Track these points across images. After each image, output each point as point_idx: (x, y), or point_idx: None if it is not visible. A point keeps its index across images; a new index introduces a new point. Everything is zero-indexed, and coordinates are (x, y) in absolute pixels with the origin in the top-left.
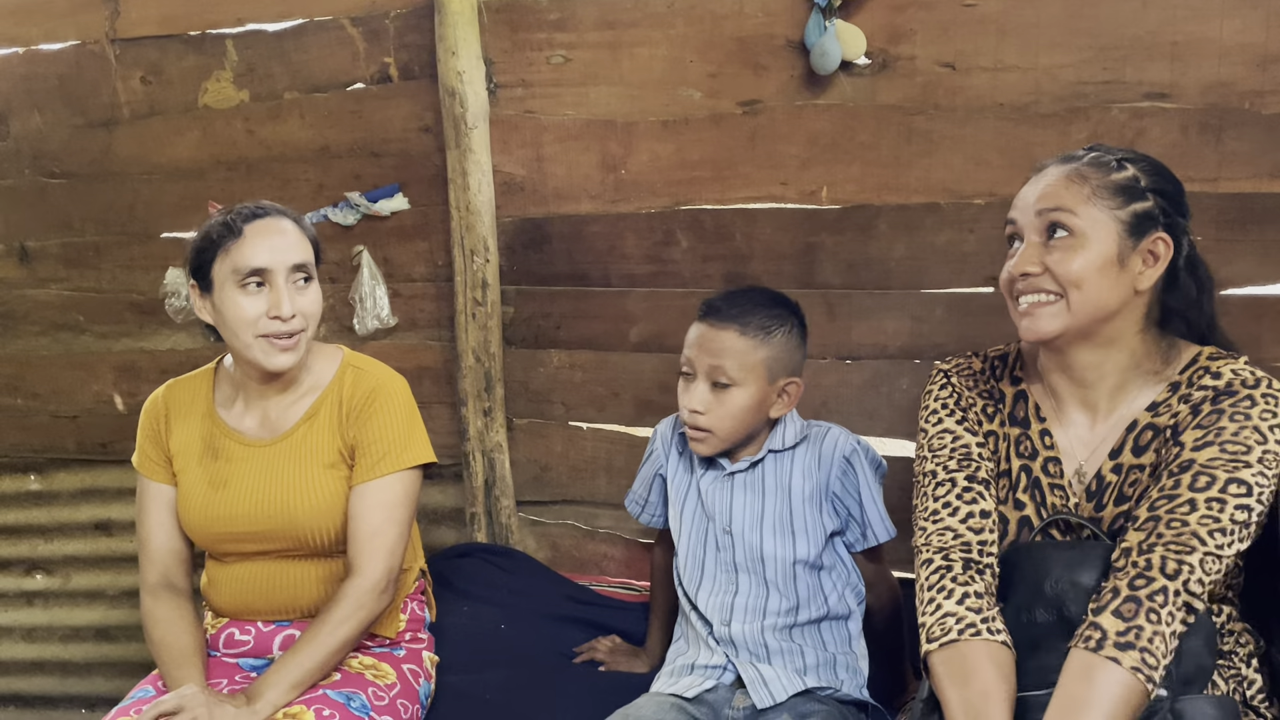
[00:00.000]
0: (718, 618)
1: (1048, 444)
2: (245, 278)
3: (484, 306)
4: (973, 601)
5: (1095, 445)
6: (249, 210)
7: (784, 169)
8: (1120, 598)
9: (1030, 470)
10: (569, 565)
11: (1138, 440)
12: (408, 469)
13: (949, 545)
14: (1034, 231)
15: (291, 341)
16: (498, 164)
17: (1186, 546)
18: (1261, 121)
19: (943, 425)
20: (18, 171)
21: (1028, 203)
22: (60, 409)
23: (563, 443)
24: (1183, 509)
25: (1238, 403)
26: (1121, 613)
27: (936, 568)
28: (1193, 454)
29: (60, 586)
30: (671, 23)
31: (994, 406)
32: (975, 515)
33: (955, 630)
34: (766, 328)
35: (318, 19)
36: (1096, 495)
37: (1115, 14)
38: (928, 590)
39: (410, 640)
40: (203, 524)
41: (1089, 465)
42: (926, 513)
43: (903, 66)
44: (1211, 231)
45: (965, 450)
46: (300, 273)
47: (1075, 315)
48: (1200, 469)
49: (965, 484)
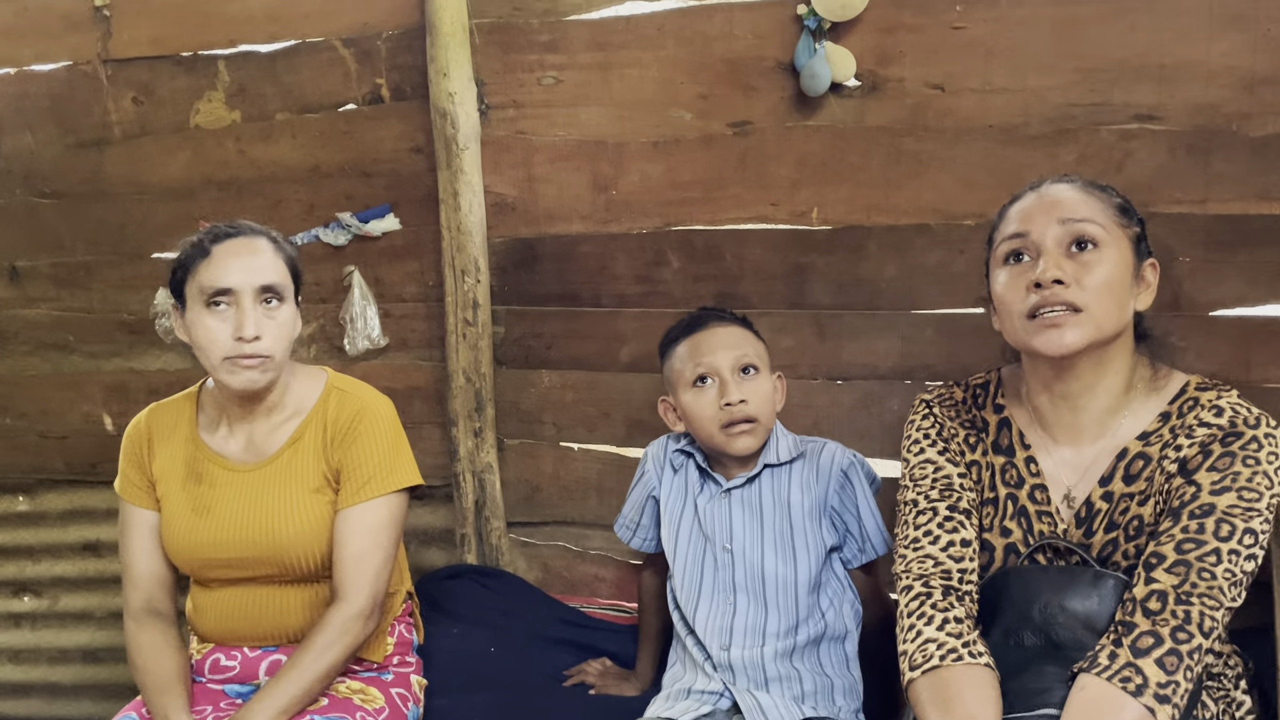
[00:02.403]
0: (716, 642)
1: (1034, 470)
2: (211, 298)
3: (475, 326)
4: (953, 627)
5: (1084, 470)
6: (221, 230)
7: (774, 190)
8: (1164, 648)
9: (1016, 498)
10: (559, 587)
11: (1129, 469)
12: (393, 492)
13: (929, 572)
14: (1055, 243)
15: (255, 362)
16: (489, 184)
17: (1216, 602)
18: (1249, 143)
19: (924, 455)
20: (8, 191)
21: (1043, 214)
22: (49, 429)
23: (553, 463)
24: (1210, 559)
25: (1246, 445)
26: (1165, 665)
27: (916, 594)
28: (1212, 498)
29: (48, 608)
30: (662, 44)
31: (977, 436)
32: (956, 544)
33: (937, 656)
34: (750, 324)
35: (310, 40)
36: (1086, 521)
37: (1103, 37)
38: (908, 617)
39: (398, 664)
40: (187, 550)
41: (1078, 491)
42: (907, 540)
43: (892, 88)
44: (1200, 253)
45: (947, 480)
46: (269, 294)
47: (1099, 329)
48: (1222, 516)
49: (946, 513)
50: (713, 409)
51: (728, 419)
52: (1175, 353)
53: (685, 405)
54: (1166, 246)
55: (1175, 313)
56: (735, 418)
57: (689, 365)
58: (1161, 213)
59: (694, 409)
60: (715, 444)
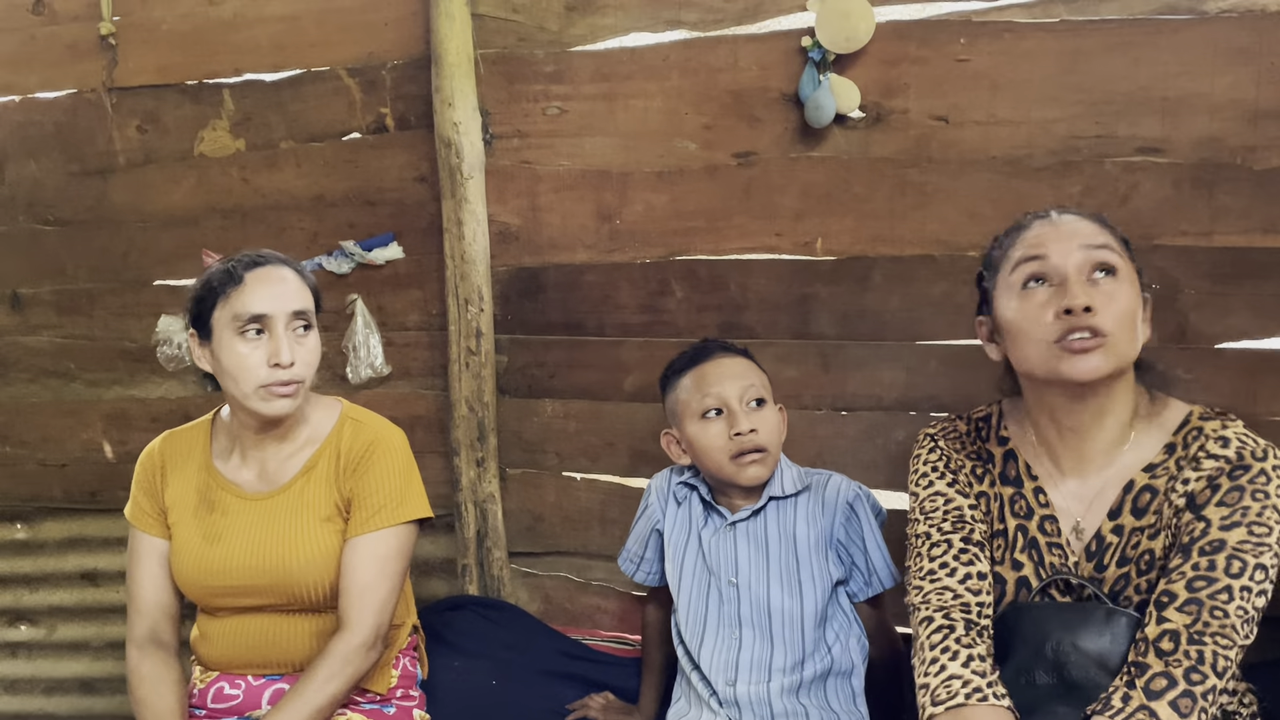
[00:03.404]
0: (721, 678)
1: (1042, 502)
2: (245, 324)
3: (478, 355)
4: (977, 665)
5: (1091, 501)
6: (250, 258)
7: (779, 220)
8: (1179, 690)
9: (1026, 530)
10: (561, 618)
11: (1136, 501)
12: (403, 523)
13: (949, 605)
14: (1077, 269)
15: (290, 389)
16: (493, 213)
17: (1229, 640)
18: (1253, 177)
19: (934, 488)
20: (11, 218)
21: (1063, 240)
22: (49, 457)
23: (556, 493)
24: (1221, 596)
25: (1255, 478)
26: (1179, 707)
27: (939, 626)
28: (1222, 534)
29: (45, 638)
30: (667, 75)
31: (983, 467)
32: (973, 577)
33: (962, 694)
34: (752, 356)
35: (315, 69)
36: (1097, 555)
37: (1107, 70)
38: (930, 650)
39: (401, 698)
40: (196, 578)
41: (1087, 523)
42: (923, 572)
43: (896, 120)
44: (1205, 285)
45: (959, 512)
46: (300, 320)
47: (1121, 357)
48: (1233, 552)
49: (961, 545)
50: (722, 439)
51: (738, 449)
52: (1178, 384)
53: (692, 437)
54: (1172, 279)
55: (1181, 345)
56: (745, 447)
57: (696, 396)
58: (1167, 245)
59: (702, 440)
60: (725, 475)
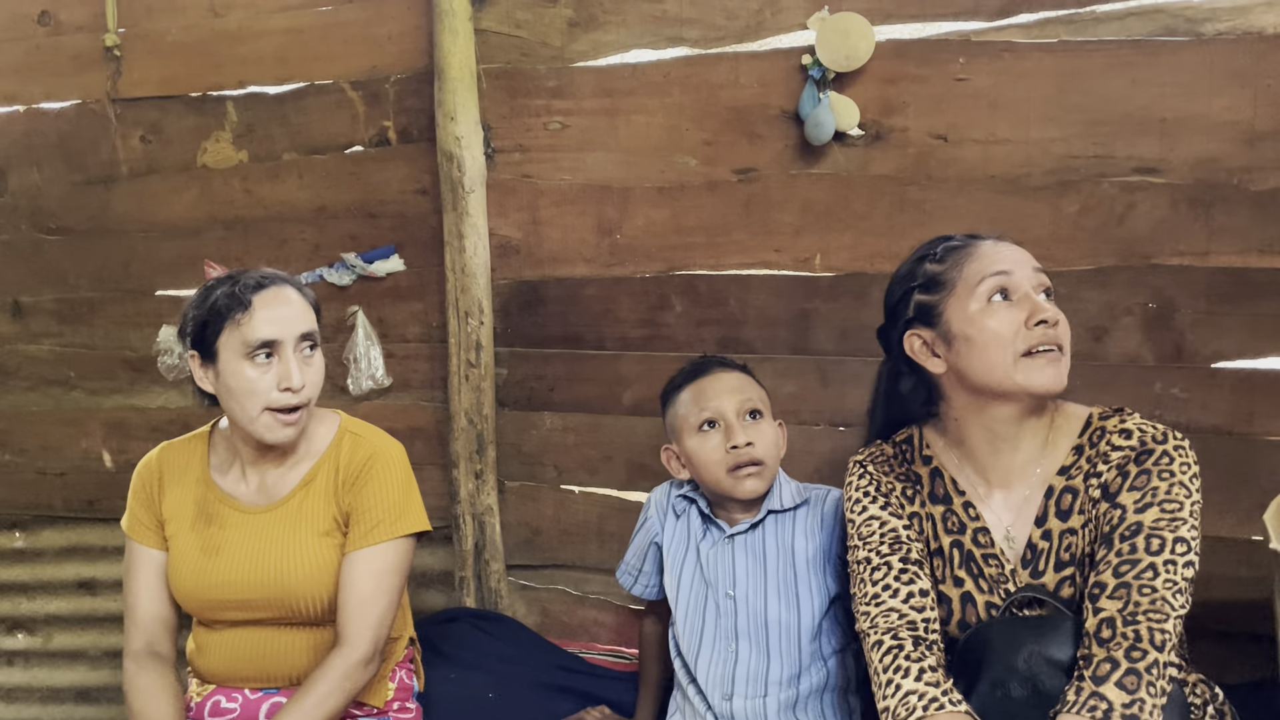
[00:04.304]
0: (718, 692)
1: (973, 515)
2: (255, 350)
3: (477, 368)
4: (930, 676)
5: (1018, 509)
6: (254, 280)
7: (778, 236)
8: (1121, 670)
9: (962, 544)
10: (558, 631)
11: (1059, 504)
12: (401, 537)
13: (895, 625)
14: (1034, 288)
15: (296, 416)
16: (494, 227)
17: (1162, 614)
18: (1250, 198)
19: (868, 513)
20: (14, 227)
21: (1020, 261)
22: (48, 465)
23: (554, 506)
24: (1147, 574)
25: (1159, 460)
26: (1125, 685)
27: (888, 648)
28: (1138, 516)
29: (41, 646)
30: (668, 91)
31: (913, 488)
32: (915, 594)
33: (920, 707)
34: (751, 372)
35: (318, 82)
36: (1032, 563)
37: (1105, 90)
38: (884, 672)
39: (398, 710)
40: (194, 591)
41: (1016, 531)
42: (867, 598)
43: (896, 138)
44: (1202, 305)
45: (894, 534)
46: (307, 341)
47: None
48: (1150, 531)
49: (900, 565)
50: (719, 453)
51: (734, 462)
52: None
53: (690, 450)
54: (1168, 298)
55: (1177, 364)
56: (742, 460)
57: (693, 410)
58: (1163, 265)
59: (700, 454)
60: (722, 488)
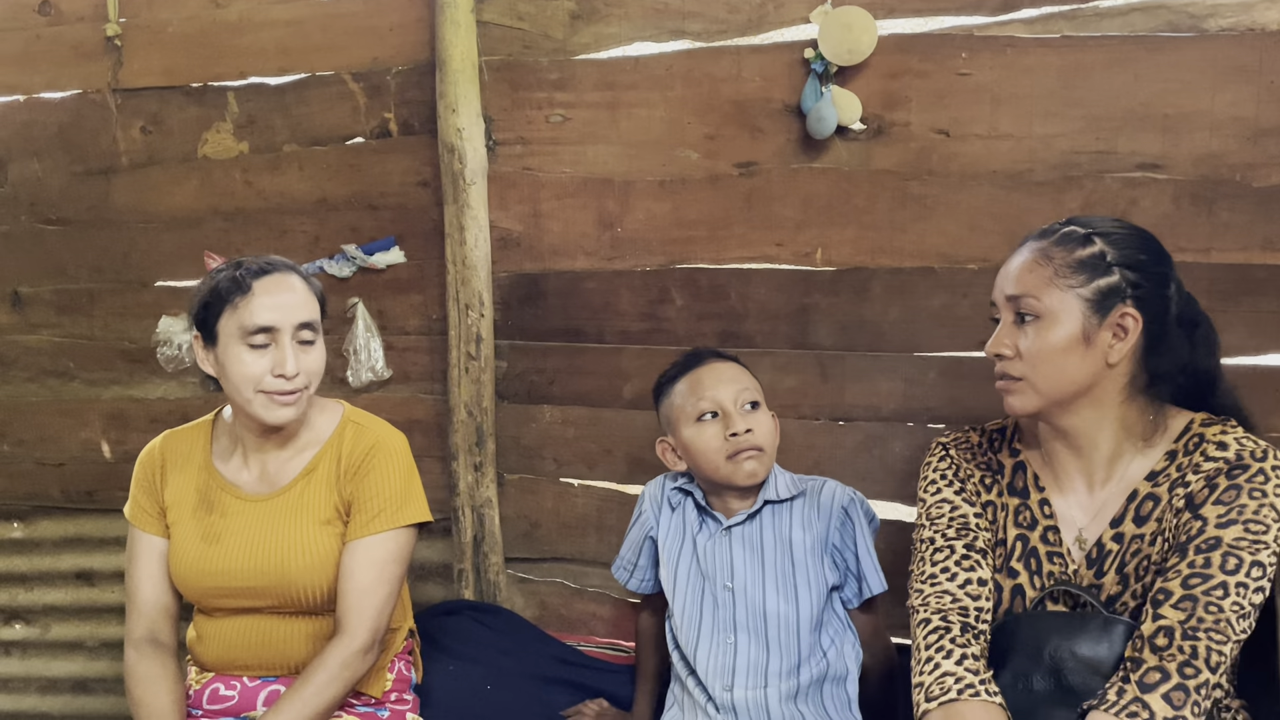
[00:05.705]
0: (718, 683)
1: (1046, 513)
2: (251, 335)
3: (477, 361)
4: (970, 663)
5: (1095, 512)
6: (258, 265)
7: (779, 230)
8: (1171, 683)
9: (1027, 539)
10: (556, 624)
11: (1139, 510)
12: (402, 527)
13: (946, 608)
14: (1008, 313)
15: (292, 398)
16: (494, 219)
17: (1223, 635)
18: (1252, 194)
19: (941, 495)
20: (13, 217)
21: (1001, 285)
22: (47, 456)
23: (553, 499)
24: (1217, 592)
25: (1252, 477)
26: (1171, 699)
27: (935, 628)
28: (1218, 531)
29: (39, 636)
30: (670, 85)
31: (992, 477)
32: (973, 582)
33: (955, 690)
34: (744, 365)
35: (319, 74)
36: (1097, 563)
37: (1108, 86)
38: (925, 650)
39: (396, 701)
40: (194, 578)
41: (1089, 532)
42: (924, 577)
43: (898, 132)
44: (1204, 302)
45: (963, 519)
46: (306, 330)
47: (1045, 394)
48: (1229, 549)
49: (964, 551)
50: (718, 441)
51: (734, 448)
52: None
53: (688, 441)
54: None
55: None
56: (742, 446)
57: (691, 400)
58: None
59: (698, 443)
60: (721, 475)
